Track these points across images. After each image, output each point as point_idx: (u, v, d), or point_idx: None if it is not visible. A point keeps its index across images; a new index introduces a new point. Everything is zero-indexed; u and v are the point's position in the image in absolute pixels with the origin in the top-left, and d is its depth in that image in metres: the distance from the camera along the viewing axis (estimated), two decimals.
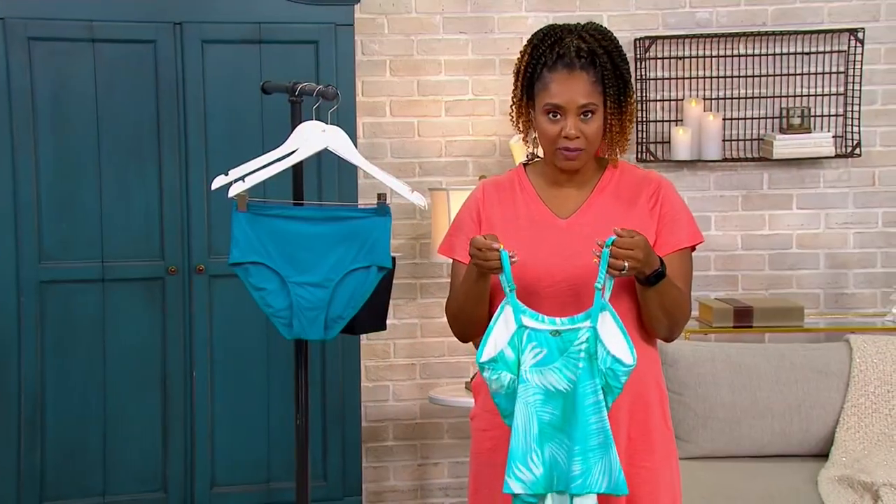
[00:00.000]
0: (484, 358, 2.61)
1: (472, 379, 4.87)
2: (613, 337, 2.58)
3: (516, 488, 2.57)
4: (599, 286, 2.58)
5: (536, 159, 2.86)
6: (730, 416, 4.51)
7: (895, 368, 4.52)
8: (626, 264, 2.56)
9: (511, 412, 2.62)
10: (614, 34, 2.79)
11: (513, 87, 2.82)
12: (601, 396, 2.57)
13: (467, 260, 2.71)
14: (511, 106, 2.83)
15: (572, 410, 2.57)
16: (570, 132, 2.69)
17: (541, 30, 2.78)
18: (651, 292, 2.67)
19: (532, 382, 2.59)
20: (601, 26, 2.78)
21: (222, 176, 3.78)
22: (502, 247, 2.61)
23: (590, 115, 2.70)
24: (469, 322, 2.80)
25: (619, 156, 2.82)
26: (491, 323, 2.64)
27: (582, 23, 2.79)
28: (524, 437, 2.58)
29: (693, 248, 2.82)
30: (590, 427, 2.55)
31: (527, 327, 2.61)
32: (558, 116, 2.70)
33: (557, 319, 2.62)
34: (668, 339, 2.82)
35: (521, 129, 2.83)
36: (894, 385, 4.51)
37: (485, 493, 2.82)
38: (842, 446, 4.42)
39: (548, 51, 2.72)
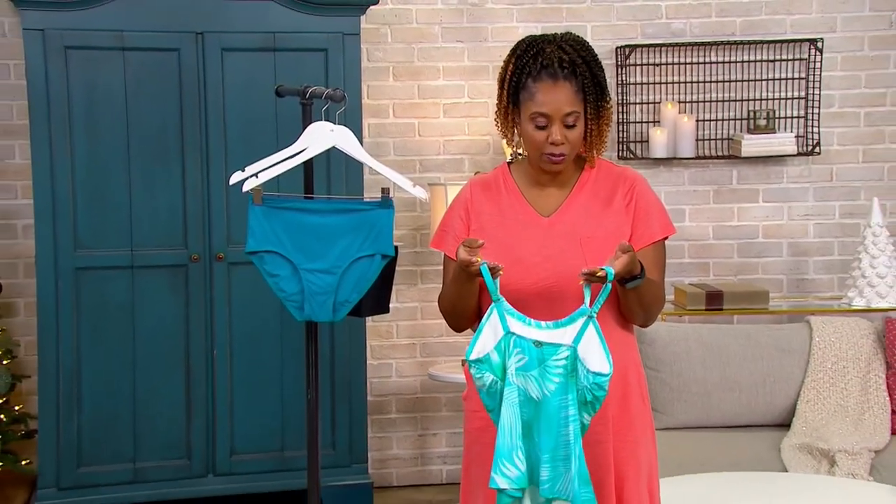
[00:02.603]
0: (472, 356, 2.56)
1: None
2: (593, 351, 2.51)
3: (502, 483, 2.50)
4: (593, 312, 2.52)
5: (520, 157, 2.82)
6: (702, 391, 4.50)
7: (850, 346, 4.53)
8: (605, 271, 2.52)
9: (493, 408, 2.57)
10: (591, 44, 2.74)
11: (498, 95, 2.76)
12: (573, 412, 2.49)
13: (455, 256, 2.69)
14: (496, 112, 2.77)
15: (542, 419, 2.51)
16: (556, 139, 2.65)
17: (522, 40, 2.73)
18: (631, 292, 2.64)
19: (516, 385, 2.53)
20: (578, 37, 2.73)
21: (239, 172, 3.76)
22: (483, 261, 2.53)
23: (573, 121, 2.66)
24: (462, 316, 2.77)
25: (596, 158, 2.79)
26: (481, 323, 2.58)
27: (560, 33, 2.74)
28: (510, 435, 2.51)
29: (665, 239, 2.80)
30: (560, 438, 2.49)
31: (514, 333, 2.54)
32: (544, 124, 2.66)
33: (543, 323, 2.56)
34: (644, 326, 2.80)
35: (506, 133, 2.78)
36: (850, 362, 4.51)
37: (475, 470, 2.80)
38: (802, 417, 4.42)
39: (531, 61, 2.66)
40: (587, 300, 2.53)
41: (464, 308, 2.74)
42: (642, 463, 2.76)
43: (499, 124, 2.77)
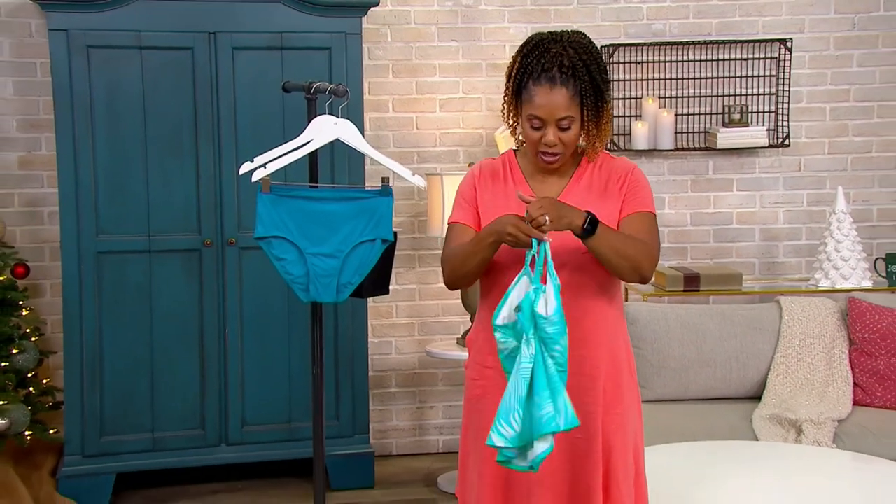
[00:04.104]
0: (499, 321, 2.54)
1: (463, 335, 4.86)
2: (548, 302, 2.51)
3: (497, 441, 2.49)
4: (534, 274, 2.51)
5: (524, 145, 2.81)
6: (680, 366, 4.50)
7: (816, 324, 4.53)
8: (546, 219, 2.49)
9: (510, 370, 2.54)
10: (595, 46, 2.69)
11: (504, 89, 2.73)
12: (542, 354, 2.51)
13: (469, 222, 2.73)
14: (502, 104, 2.75)
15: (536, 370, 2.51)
16: (549, 140, 2.64)
17: (531, 38, 2.69)
18: (594, 241, 2.57)
19: (525, 353, 2.50)
20: (584, 39, 2.68)
21: (249, 162, 3.74)
22: (547, 239, 2.51)
23: (567, 124, 2.64)
24: (466, 276, 2.73)
25: (596, 152, 2.76)
26: (508, 289, 2.55)
27: (569, 32, 2.69)
28: (513, 399, 2.49)
29: (652, 214, 2.75)
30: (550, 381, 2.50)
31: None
32: (540, 126, 2.65)
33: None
34: (643, 280, 2.70)
35: (511, 124, 2.77)
36: (816, 338, 4.50)
37: (472, 434, 2.80)
38: (772, 390, 4.42)
39: (535, 62, 2.63)
40: (536, 264, 2.52)
41: (474, 272, 2.70)
42: (629, 434, 2.76)
43: (504, 116, 2.76)
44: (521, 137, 2.77)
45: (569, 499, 2.71)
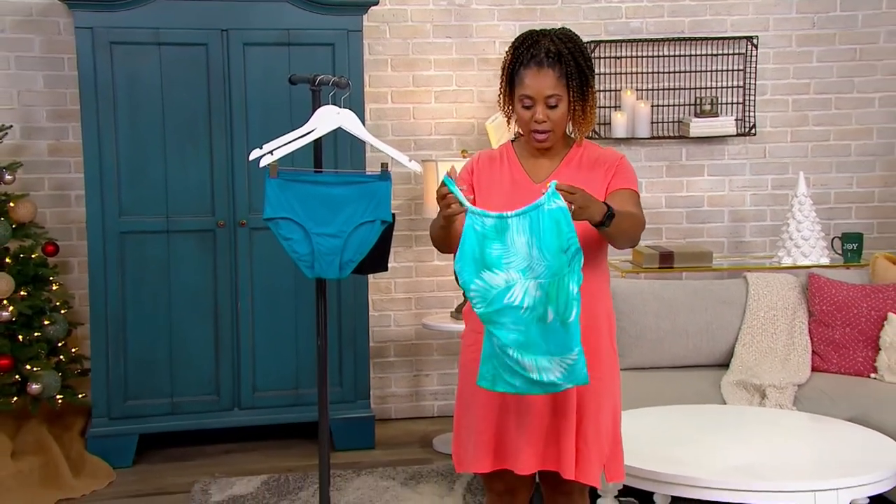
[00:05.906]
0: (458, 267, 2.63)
1: (457, 309, 4.85)
2: None
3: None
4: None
5: (521, 136, 2.82)
6: (655, 337, 4.50)
7: (779, 298, 4.53)
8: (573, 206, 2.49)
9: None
10: (579, 37, 2.72)
11: (499, 81, 2.77)
12: None
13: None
14: (498, 95, 2.78)
15: None
16: (539, 117, 2.66)
17: (522, 34, 2.74)
18: (609, 229, 2.57)
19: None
20: (570, 32, 2.73)
21: (258, 149, 3.71)
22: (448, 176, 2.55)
23: (555, 102, 2.66)
24: (441, 245, 2.82)
25: (583, 135, 2.76)
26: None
27: (556, 28, 2.73)
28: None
29: (637, 194, 2.75)
30: None
31: None
32: (530, 105, 2.66)
33: None
34: (633, 247, 2.81)
35: (507, 113, 2.78)
36: (779, 311, 4.51)
37: (466, 396, 2.82)
38: (739, 358, 4.42)
39: (525, 52, 2.67)
40: None
41: (444, 241, 2.78)
42: (604, 401, 2.75)
43: (500, 104, 2.78)
44: (518, 129, 2.79)
45: (543, 455, 2.71)
